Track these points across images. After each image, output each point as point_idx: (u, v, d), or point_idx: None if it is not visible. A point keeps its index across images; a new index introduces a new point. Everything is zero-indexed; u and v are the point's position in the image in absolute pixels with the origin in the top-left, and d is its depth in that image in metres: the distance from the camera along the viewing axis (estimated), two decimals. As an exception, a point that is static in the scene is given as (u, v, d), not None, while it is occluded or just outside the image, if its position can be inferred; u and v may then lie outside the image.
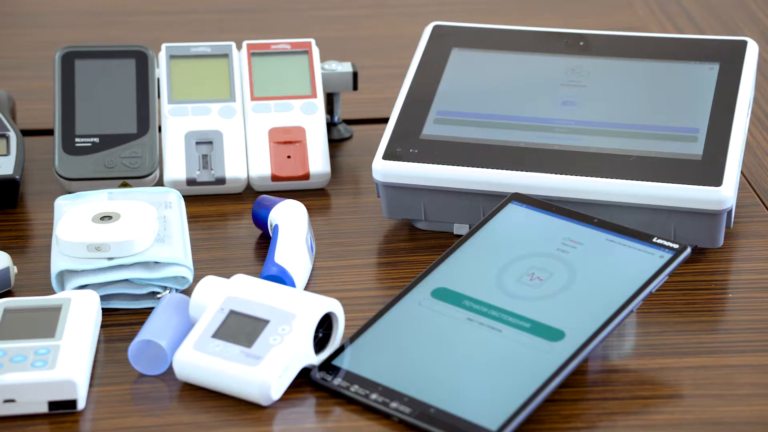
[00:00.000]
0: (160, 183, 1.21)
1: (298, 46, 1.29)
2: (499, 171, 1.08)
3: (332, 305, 0.95)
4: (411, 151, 1.12)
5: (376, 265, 1.11)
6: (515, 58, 1.17)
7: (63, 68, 1.23)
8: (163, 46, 1.26)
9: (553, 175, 1.06)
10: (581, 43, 1.16)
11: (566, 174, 1.06)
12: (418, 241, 1.13)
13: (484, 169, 1.08)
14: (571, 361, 0.88)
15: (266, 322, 0.94)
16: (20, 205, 1.17)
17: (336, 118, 1.34)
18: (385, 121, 1.40)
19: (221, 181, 1.21)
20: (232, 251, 1.12)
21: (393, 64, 1.46)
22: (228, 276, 1.00)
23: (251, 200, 1.21)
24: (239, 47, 1.28)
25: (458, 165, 1.09)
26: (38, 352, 0.90)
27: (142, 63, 1.25)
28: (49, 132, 1.29)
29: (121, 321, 1.01)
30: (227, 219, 1.18)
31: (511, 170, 1.08)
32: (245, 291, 0.96)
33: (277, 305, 0.95)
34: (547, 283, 0.95)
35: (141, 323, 1.01)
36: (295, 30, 1.50)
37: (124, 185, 1.20)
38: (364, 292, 1.06)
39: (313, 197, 1.20)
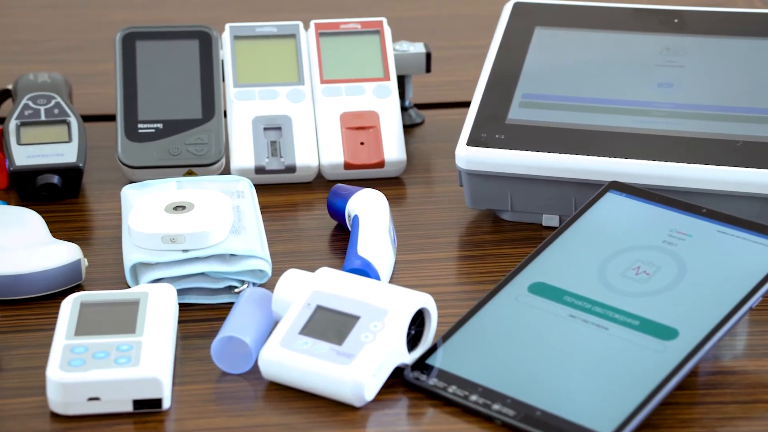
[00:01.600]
0: (225, 171, 1.21)
1: (369, 25, 1.28)
2: (594, 158, 1.07)
3: (425, 300, 0.94)
4: (497, 136, 1.11)
5: (461, 258, 1.09)
6: (603, 37, 1.15)
7: (124, 50, 1.22)
8: (227, 26, 1.25)
9: (653, 162, 1.05)
10: (675, 20, 1.14)
11: (667, 161, 1.05)
12: (504, 233, 1.12)
13: (577, 156, 1.07)
14: (687, 362, 0.86)
15: (357, 318, 0.93)
16: (81, 194, 1.17)
17: (407, 103, 1.32)
18: (458, 105, 1.40)
19: (291, 169, 1.20)
20: (307, 243, 1.11)
21: (464, 44, 1.45)
22: (305, 270, 1.01)
23: (322, 189, 1.20)
24: (306, 27, 1.28)
25: (548, 151, 1.08)
26: (120, 348, 0.90)
27: (206, 44, 1.24)
28: (107, 117, 1.29)
29: (197, 317, 1.00)
30: (297, 209, 1.17)
31: (607, 157, 1.06)
32: (332, 285, 0.95)
33: (368, 300, 0.94)
34: (655, 277, 0.94)
35: (218, 319, 1.00)
36: (362, 8, 1.49)
37: (189, 173, 1.19)
38: (450, 287, 1.05)
39: (388, 186, 1.19)
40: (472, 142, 1.10)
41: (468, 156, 1.10)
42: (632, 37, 1.14)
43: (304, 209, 1.16)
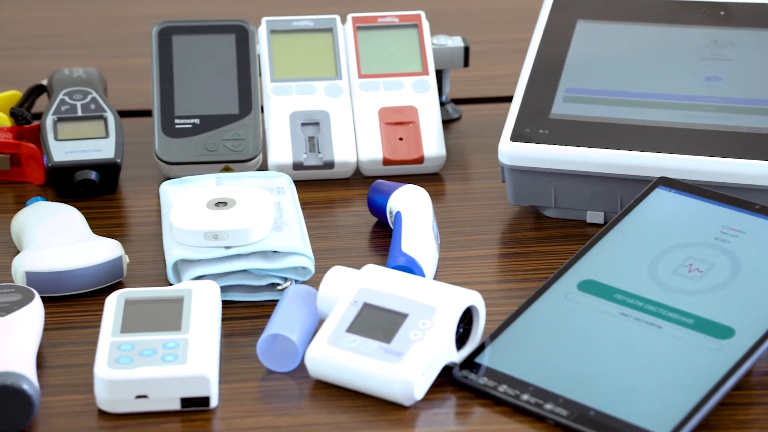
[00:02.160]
0: (262, 167, 1.21)
1: (407, 19, 1.27)
2: (641, 153, 1.06)
3: (474, 298, 0.94)
4: (541, 131, 1.10)
5: (504, 255, 1.09)
6: (647, 30, 1.14)
7: (160, 45, 1.22)
8: (264, 20, 1.25)
9: (702, 158, 1.04)
10: (722, 13, 1.14)
11: (717, 156, 1.04)
12: (548, 230, 1.12)
13: (624, 152, 1.06)
14: (745, 361, 0.86)
15: (405, 315, 0.92)
16: (117, 190, 1.16)
17: (444, 97, 1.32)
18: (495, 100, 1.39)
19: (330, 165, 1.20)
20: (347, 240, 1.11)
21: (499, 38, 1.45)
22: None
23: (360, 185, 1.20)
24: (343, 21, 1.28)
25: (594, 147, 1.07)
26: (167, 346, 0.90)
27: (243, 38, 1.23)
28: (141, 113, 1.29)
29: (240, 314, 1.00)
30: (335, 205, 1.17)
31: (654, 152, 1.06)
32: (378, 282, 0.95)
33: (416, 298, 0.93)
34: (708, 275, 0.93)
35: (261, 317, 1.00)
36: (399, 1, 1.48)
37: (227, 169, 1.19)
38: (495, 284, 1.04)
39: (426, 182, 1.18)
40: (515, 137, 1.10)
41: (511, 151, 1.09)
42: (677, 30, 1.13)
43: (343, 205, 1.16)
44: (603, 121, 1.09)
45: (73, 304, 1.00)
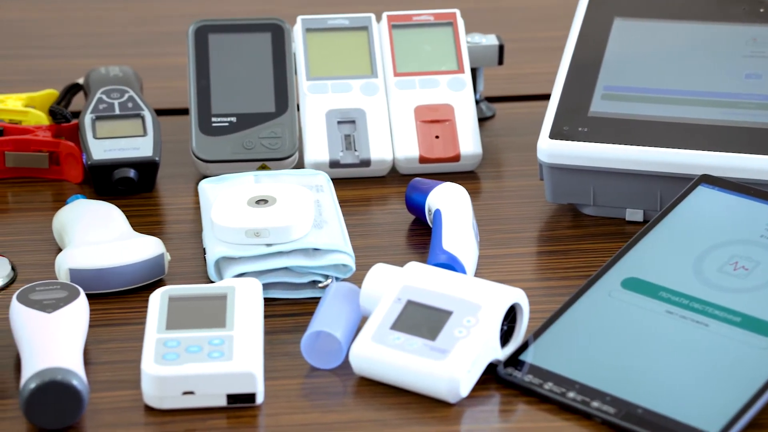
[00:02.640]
0: (298, 165, 1.21)
1: (442, 17, 1.28)
2: (681, 151, 1.06)
3: (518, 296, 0.94)
4: (580, 129, 1.10)
5: (543, 253, 1.09)
6: (686, 28, 1.14)
7: (196, 43, 1.22)
8: (299, 18, 1.25)
9: (743, 155, 1.04)
10: (761, 10, 1.14)
11: (757, 153, 1.04)
12: (586, 228, 1.12)
13: (664, 149, 1.06)
14: (793, 358, 0.86)
15: (449, 313, 0.93)
16: (154, 188, 1.16)
17: (478, 96, 1.32)
18: (529, 98, 1.39)
19: (366, 163, 1.20)
20: (385, 238, 1.11)
21: (532, 36, 1.45)
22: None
23: (396, 183, 1.20)
24: (378, 19, 1.28)
25: (634, 144, 1.07)
26: (212, 343, 0.90)
27: (278, 37, 1.24)
28: (174, 111, 1.30)
29: (281, 312, 1.00)
30: (371, 203, 1.17)
31: (695, 150, 1.06)
32: (422, 280, 0.95)
33: (460, 295, 0.93)
34: (754, 273, 0.93)
35: (302, 314, 1.01)
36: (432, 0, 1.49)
37: (263, 167, 1.20)
38: (535, 282, 1.04)
39: (461, 180, 1.18)
40: (554, 135, 1.10)
41: (550, 149, 1.10)
42: (716, 28, 1.13)
43: (379, 203, 1.17)
44: (642, 118, 1.09)
45: (115, 301, 1.01)
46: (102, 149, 1.14)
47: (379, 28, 1.26)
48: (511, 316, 0.95)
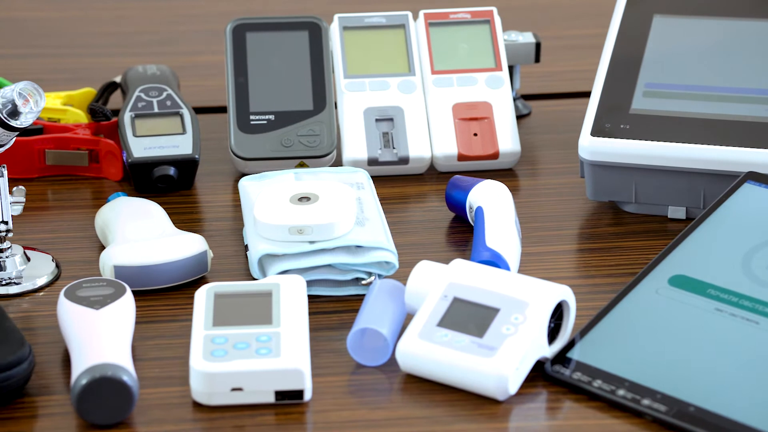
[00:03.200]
0: (336, 163, 1.21)
1: (479, 15, 1.27)
2: (725, 148, 1.05)
3: (565, 293, 0.93)
4: (621, 126, 1.10)
5: (585, 251, 1.08)
6: (725, 25, 1.14)
7: (234, 42, 1.22)
8: (336, 17, 1.25)
9: (788, 153, 1.05)
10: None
11: (803, 151, 1.05)
12: (627, 225, 1.11)
13: (708, 146, 1.06)
14: None
15: (496, 310, 0.92)
16: (193, 186, 1.17)
17: (514, 93, 1.32)
18: (565, 96, 1.39)
19: (404, 160, 1.20)
20: (425, 235, 1.10)
21: (567, 34, 1.44)
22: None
23: (434, 181, 1.20)
24: (415, 17, 1.28)
25: (677, 141, 1.07)
26: (259, 339, 0.90)
27: (316, 35, 1.24)
28: (212, 109, 1.30)
29: (324, 309, 1.00)
30: (409, 201, 1.17)
31: (738, 147, 1.05)
32: (468, 277, 0.95)
33: (507, 292, 0.93)
34: (804, 269, 0.93)
35: (346, 311, 1.01)
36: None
37: (301, 165, 1.19)
38: (579, 279, 1.04)
39: (499, 178, 1.17)
40: (596, 132, 1.09)
41: (592, 146, 1.09)
42: (756, 24, 1.13)
43: (417, 201, 1.16)
44: (684, 115, 1.09)
45: (159, 297, 1.01)
46: (142, 147, 1.14)
47: (415, 26, 1.26)
48: (558, 314, 0.94)
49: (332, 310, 1.00)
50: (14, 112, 0.96)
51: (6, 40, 1.39)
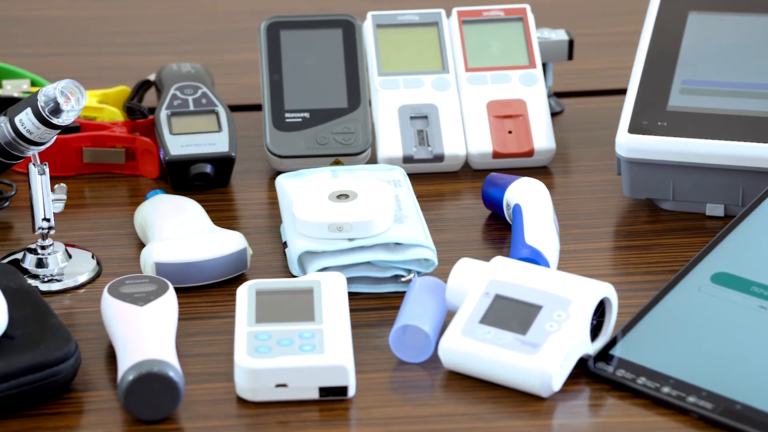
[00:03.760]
0: (370, 160, 1.21)
1: (512, 12, 1.27)
2: (765, 145, 1.05)
3: (607, 290, 0.93)
4: (659, 124, 1.10)
5: (622, 248, 1.08)
6: (761, 21, 1.13)
7: (269, 40, 1.22)
8: (369, 14, 1.25)
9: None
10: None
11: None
12: (665, 223, 1.11)
13: (747, 143, 1.05)
14: None
15: (539, 307, 0.92)
16: (228, 183, 1.17)
17: (547, 91, 1.32)
18: (597, 94, 1.39)
19: (439, 158, 1.20)
20: (461, 233, 1.10)
21: (599, 32, 1.44)
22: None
23: (468, 179, 1.20)
24: (448, 14, 1.27)
25: (715, 138, 1.07)
26: (303, 336, 0.90)
27: (350, 33, 1.24)
28: (246, 107, 1.30)
29: (364, 306, 1.00)
30: (444, 198, 1.17)
31: (779, 144, 1.06)
32: (509, 274, 0.95)
33: (549, 290, 0.93)
34: None
35: (386, 308, 1.01)
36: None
37: (336, 163, 1.20)
38: (619, 277, 1.03)
39: (534, 175, 1.16)
40: (633, 129, 1.09)
41: (629, 144, 1.09)
42: (793, 22, 1.13)
43: (452, 198, 1.16)
44: (722, 112, 1.09)
45: (199, 294, 1.01)
46: (179, 145, 1.14)
47: (449, 24, 1.26)
48: (599, 311, 0.94)
49: (372, 307, 1.00)
50: (56, 110, 0.96)
51: (40, 39, 1.39)
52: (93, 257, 1.04)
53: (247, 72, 1.31)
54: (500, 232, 1.10)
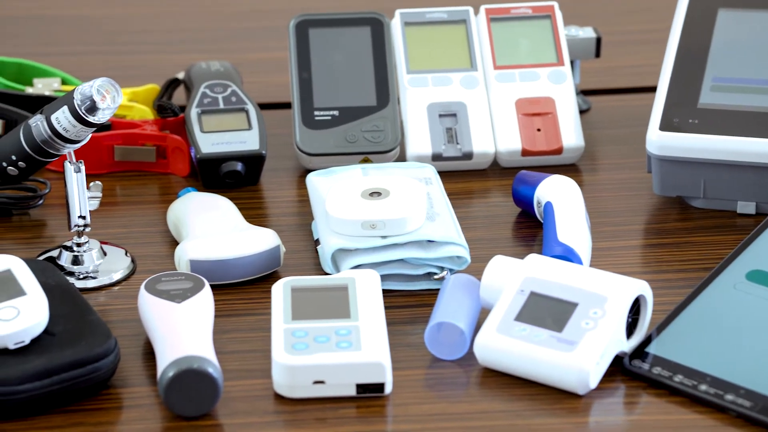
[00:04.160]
0: (399, 158, 1.21)
1: (540, 10, 1.27)
2: (798, 143, 1.06)
3: (643, 287, 0.94)
4: (690, 121, 1.10)
5: (653, 246, 1.08)
6: (792, 19, 1.14)
7: (297, 38, 1.23)
8: (397, 12, 1.25)
9: None
10: None
11: None
12: (696, 221, 1.11)
13: (780, 141, 1.07)
14: None
15: (574, 305, 0.92)
16: (258, 181, 1.17)
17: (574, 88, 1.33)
18: (623, 91, 1.39)
19: (468, 156, 1.20)
20: (491, 230, 1.10)
21: (624, 29, 1.44)
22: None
23: (497, 176, 1.19)
24: (476, 12, 1.28)
25: (746, 136, 1.07)
26: (339, 333, 0.90)
27: (378, 31, 1.24)
28: (273, 105, 1.30)
29: (398, 303, 1.00)
30: (473, 196, 1.17)
31: (812, 142, 1.05)
32: (544, 272, 0.95)
33: (584, 287, 0.93)
34: None
35: (419, 305, 1.01)
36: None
37: (365, 161, 1.20)
38: (651, 275, 1.03)
39: (563, 173, 1.16)
40: (664, 126, 1.09)
41: (660, 141, 1.09)
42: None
43: (481, 196, 1.16)
44: (754, 109, 1.08)
45: (233, 292, 1.01)
46: (210, 143, 1.14)
47: (477, 21, 1.26)
48: (634, 309, 0.94)
49: (404, 304, 1.00)
50: (93, 108, 0.96)
51: (69, 38, 1.39)
52: (127, 254, 1.04)
53: (273, 70, 1.31)
54: (530, 230, 1.10)
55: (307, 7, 1.46)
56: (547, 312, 0.92)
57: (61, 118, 0.97)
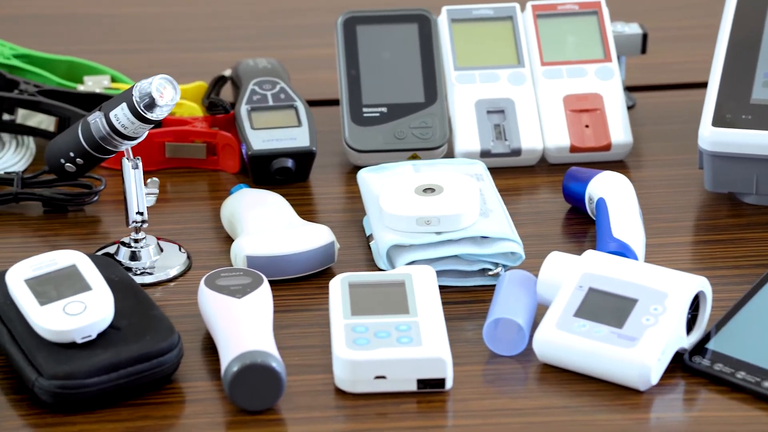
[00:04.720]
0: (447, 155, 1.21)
1: (587, 6, 1.26)
2: None
3: (703, 283, 0.93)
4: (743, 117, 1.10)
5: (706, 242, 1.08)
6: None
7: (345, 35, 1.23)
8: (444, 9, 1.25)
9: None
10: None
11: None
12: (749, 217, 1.10)
13: (835, 137, 1.06)
14: None
15: (634, 301, 0.92)
16: (308, 178, 1.17)
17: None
18: (668, 88, 1.39)
19: (517, 152, 1.20)
20: (542, 226, 1.10)
21: (668, 25, 1.44)
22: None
23: (545, 173, 1.19)
24: (522, 8, 1.27)
25: (801, 132, 1.07)
26: (399, 328, 0.90)
27: (425, 28, 1.24)
28: (320, 102, 1.30)
29: (453, 299, 1.00)
30: (521, 192, 1.17)
31: None
32: (602, 268, 0.94)
33: (644, 283, 0.93)
34: None
35: (474, 301, 1.01)
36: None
37: (414, 157, 1.20)
38: (706, 271, 1.02)
39: (612, 169, 1.15)
40: (717, 122, 1.09)
41: (713, 137, 1.09)
42: None
43: (529, 192, 1.16)
44: (808, 106, 1.09)
45: (288, 287, 1.01)
46: (260, 140, 1.14)
47: (523, 18, 1.26)
48: (693, 305, 0.94)
49: (459, 300, 1.00)
50: (151, 105, 0.97)
51: (117, 36, 1.40)
52: (182, 250, 1.04)
53: (319, 67, 1.31)
54: (581, 226, 1.10)
55: (351, 4, 1.46)
56: (606, 308, 0.92)
57: (120, 115, 0.97)
